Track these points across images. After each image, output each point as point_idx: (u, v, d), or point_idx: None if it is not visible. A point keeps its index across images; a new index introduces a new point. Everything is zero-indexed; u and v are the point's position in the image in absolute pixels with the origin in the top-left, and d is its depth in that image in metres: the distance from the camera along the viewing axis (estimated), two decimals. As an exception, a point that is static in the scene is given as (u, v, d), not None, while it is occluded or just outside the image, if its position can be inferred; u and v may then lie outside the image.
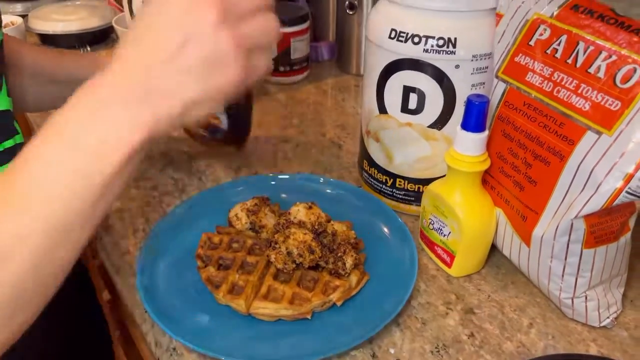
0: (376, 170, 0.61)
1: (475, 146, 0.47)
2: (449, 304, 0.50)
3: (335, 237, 0.52)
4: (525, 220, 0.47)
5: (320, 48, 0.99)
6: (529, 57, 0.46)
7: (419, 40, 0.50)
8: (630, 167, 0.39)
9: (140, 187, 0.66)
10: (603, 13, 0.43)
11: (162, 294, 0.49)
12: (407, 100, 0.54)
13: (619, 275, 0.47)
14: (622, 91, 0.40)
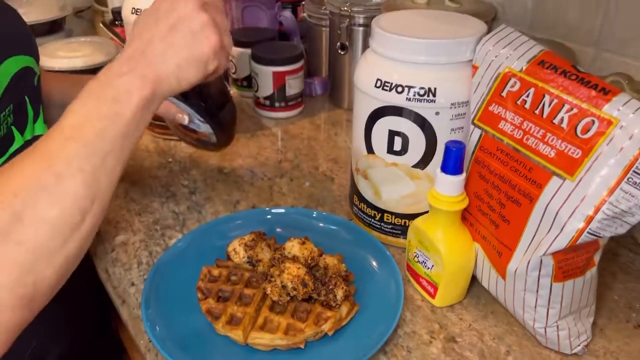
0: (365, 205, 0.65)
1: (454, 187, 0.51)
2: (433, 332, 0.54)
3: (326, 271, 0.56)
4: (500, 255, 0.51)
5: (314, 84, 1.04)
6: (501, 107, 0.51)
7: (402, 90, 0.55)
8: (590, 210, 0.44)
9: (143, 221, 0.70)
10: (566, 69, 0.48)
11: (165, 325, 0.53)
12: (392, 143, 0.58)
13: (588, 306, 0.51)
14: (583, 141, 0.45)
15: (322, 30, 1.02)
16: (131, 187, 0.77)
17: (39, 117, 0.59)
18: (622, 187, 0.42)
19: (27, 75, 0.57)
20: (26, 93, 0.57)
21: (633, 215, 0.43)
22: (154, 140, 0.90)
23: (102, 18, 1.27)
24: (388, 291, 0.57)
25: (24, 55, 0.56)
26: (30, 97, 0.58)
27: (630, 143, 0.42)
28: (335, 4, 0.93)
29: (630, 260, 0.64)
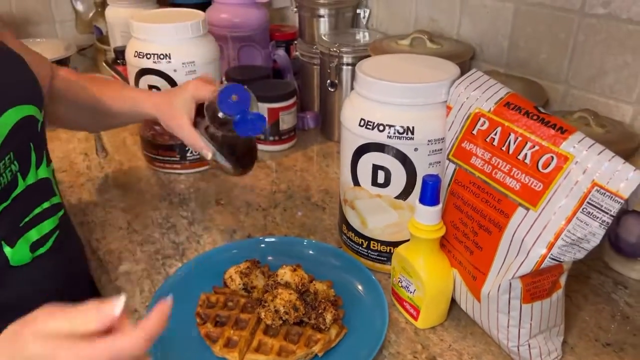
0: (353, 233, 0.70)
1: (431, 217, 0.56)
2: (416, 353, 0.58)
3: (316, 296, 0.61)
4: (475, 279, 0.56)
5: (307, 118, 1.10)
6: (472, 144, 0.56)
7: (384, 128, 0.60)
8: (551, 237, 0.48)
9: (145, 251, 0.74)
10: (529, 110, 0.54)
11: (166, 349, 0.56)
12: (376, 176, 0.63)
13: (557, 325, 0.56)
14: (543, 175, 0.50)
15: (314, 68, 1.09)
16: (133, 219, 0.81)
17: (42, 161, 0.62)
18: (578, 217, 0.47)
19: (29, 124, 0.58)
20: (30, 140, 0.59)
21: (588, 241, 0.48)
22: (155, 174, 0.94)
23: (105, 56, 1.33)
24: (374, 314, 0.61)
25: (25, 105, 0.57)
26: (34, 143, 0.59)
27: (584, 177, 0.47)
28: (325, 45, 0.99)
29: (601, 282, 0.68)
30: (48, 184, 0.62)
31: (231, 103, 0.63)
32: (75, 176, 0.94)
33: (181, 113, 0.69)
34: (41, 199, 0.61)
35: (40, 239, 0.60)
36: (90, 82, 0.76)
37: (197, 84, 0.70)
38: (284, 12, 1.39)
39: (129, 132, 1.10)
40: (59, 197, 0.64)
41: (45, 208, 0.61)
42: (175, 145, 0.91)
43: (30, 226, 0.59)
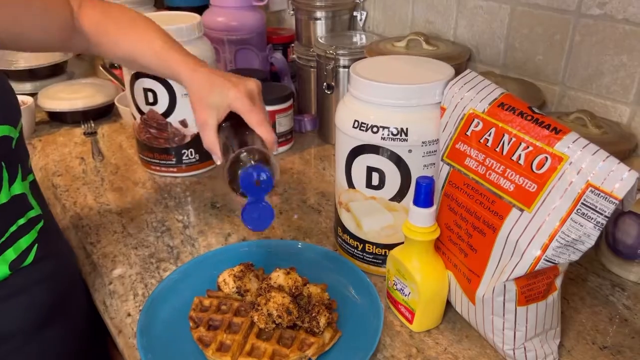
0: (348, 236, 0.69)
1: (425, 219, 0.56)
2: (410, 356, 0.58)
3: (310, 299, 0.60)
4: (470, 282, 0.55)
5: (304, 121, 1.09)
6: (466, 145, 0.56)
7: (377, 130, 0.60)
8: (545, 239, 0.48)
9: (139, 254, 0.74)
10: (523, 111, 0.53)
11: (159, 353, 0.56)
12: (370, 178, 0.63)
13: (553, 328, 0.55)
14: (537, 176, 0.49)
15: (311, 70, 1.08)
16: (128, 223, 0.81)
17: (17, 177, 0.60)
18: (572, 218, 0.47)
19: (3, 143, 0.57)
20: (1, 160, 0.57)
21: (583, 243, 0.47)
22: (151, 177, 0.94)
23: (102, 61, 1.33)
24: (369, 318, 0.60)
25: (2, 126, 0.56)
26: (6, 162, 0.58)
27: (578, 177, 0.47)
28: (322, 47, 0.99)
29: (598, 285, 0.68)
30: (23, 199, 0.61)
31: (252, 185, 0.57)
32: (71, 180, 0.93)
33: (211, 113, 0.63)
34: (15, 216, 0.60)
35: (19, 257, 0.60)
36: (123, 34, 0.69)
37: (241, 100, 0.62)
38: (281, 15, 1.39)
39: (126, 135, 1.09)
40: (37, 208, 0.63)
41: (21, 225, 0.60)
42: (171, 148, 0.91)
43: (6, 246, 0.58)
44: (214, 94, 0.63)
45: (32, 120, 1.11)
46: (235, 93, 0.61)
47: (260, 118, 0.62)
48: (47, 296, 0.64)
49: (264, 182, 0.56)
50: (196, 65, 0.65)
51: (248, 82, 0.64)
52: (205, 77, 0.64)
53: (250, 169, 0.56)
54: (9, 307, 0.60)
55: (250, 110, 0.61)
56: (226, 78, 0.64)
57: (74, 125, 1.13)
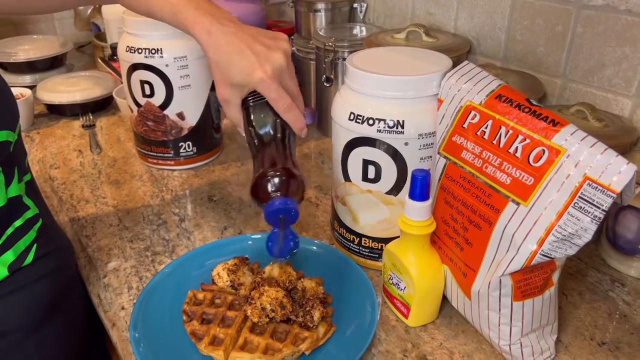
0: (345, 230, 0.69)
1: (421, 212, 0.55)
2: (406, 351, 0.57)
3: (304, 293, 0.59)
4: (465, 276, 0.55)
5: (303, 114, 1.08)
6: (463, 138, 0.55)
7: (373, 122, 0.59)
8: (542, 233, 0.47)
9: (134, 247, 0.74)
10: (520, 102, 0.52)
11: (151, 346, 0.56)
12: (366, 171, 0.62)
13: (549, 323, 0.54)
14: (534, 169, 0.49)
15: (310, 63, 1.07)
16: (125, 216, 0.81)
17: (13, 178, 0.58)
18: (569, 212, 0.46)
19: (2, 148, 0.56)
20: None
21: (580, 237, 0.46)
22: (148, 170, 0.94)
23: (102, 53, 1.33)
24: (364, 312, 0.60)
25: (1, 131, 0.55)
26: (3, 165, 0.57)
27: (575, 170, 0.46)
28: (321, 39, 0.98)
29: (598, 280, 0.67)
30: (18, 200, 0.60)
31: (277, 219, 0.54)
32: (68, 173, 0.93)
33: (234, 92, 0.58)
34: (12, 218, 0.59)
35: (18, 258, 0.59)
36: None
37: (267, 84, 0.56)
38: (281, 7, 1.38)
39: (124, 128, 1.09)
40: (34, 208, 0.62)
41: (18, 226, 0.59)
42: (169, 141, 0.90)
43: (5, 249, 0.58)
44: (235, 71, 0.56)
45: (31, 112, 1.10)
46: (261, 75, 0.55)
47: (287, 104, 0.57)
48: (47, 293, 0.63)
49: (288, 217, 0.54)
50: (212, 26, 0.56)
51: (275, 54, 0.56)
52: (222, 45, 0.56)
53: (276, 204, 0.52)
54: (8, 304, 0.60)
55: (277, 96, 0.56)
56: (249, 45, 0.56)
57: (73, 118, 1.13)
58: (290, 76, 0.59)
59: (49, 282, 0.63)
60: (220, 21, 0.57)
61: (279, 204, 0.52)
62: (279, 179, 0.53)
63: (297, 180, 0.54)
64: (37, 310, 0.62)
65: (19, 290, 0.60)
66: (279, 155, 0.56)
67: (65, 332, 0.67)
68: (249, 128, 0.59)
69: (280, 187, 0.53)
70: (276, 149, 0.57)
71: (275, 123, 0.58)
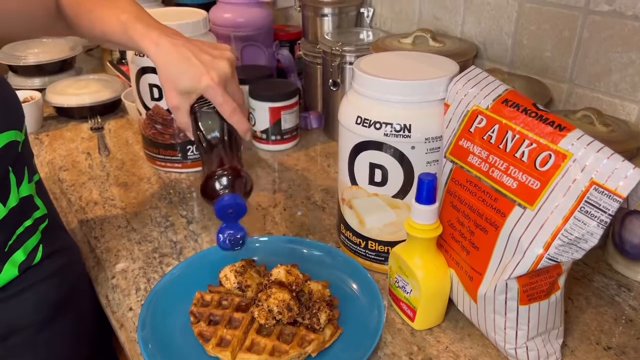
0: (351, 233, 0.69)
1: (428, 216, 0.55)
2: (411, 354, 0.57)
3: (311, 296, 0.60)
4: (472, 280, 0.55)
5: (310, 118, 1.09)
6: (470, 142, 0.55)
7: (380, 126, 0.60)
8: (548, 237, 0.47)
9: (142, 249, 0.74)
10: (527, 107, 0.52)
11: (159, 347, 0.56)
12: (373, 175, 0.63)
13: (555, 327, 0.54)
14: (541, 173, 0.49)
15: (317, 67, 1.08)
16: (133, 218, 0.81)
17: (24, 179, 0.60)
18: (575, 216, 0.46)
19: (10, 149, 0.56)
20: (10, 165, 0.57)
21: (586, 241, 0.46)
22: (156, 172, 0.94)
23: (110, 56, 1.34)
24: (370, 315, 0.60)
25: (9, 131, 0.56)
26: (13, 166, 0.58)
27: (582, 175, 0.46)
28: (328, 44, 0.98)
29: (604, 285, 0.67)
30: (30, 200, 0.61)
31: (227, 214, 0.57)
32: (77, 175, 0.94)
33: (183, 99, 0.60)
34: (23, 218, 0.60)
35: (28, 257, 0.60)
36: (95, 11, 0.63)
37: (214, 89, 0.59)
38: (288, 11, 1.39)
39: (132, 131, 1.10)
40: (43, 208, 0.64)
41: (28, 226, 0.60)
42: (177, 144, 0.91)
43: (15, 248, 0.59)
44: (183, 78, 0.59)
45: (40, 115, 1.11)
46: (208, 81, 0.58)
47: (232, 108, 0.60)
48: (55, 291, 0.64)
49: (236, 211, 0.57)
50: (160, 38, 0.59)
51: (220, 63, 0.60)
52: (171, 54, 0.59)
53: (225, 200, 0.56)
54: (18, 303, 0.61)
55: (223, 101, 0.59)
56: (195, 54, 0.59)
57: (81, 121, 1.14)
58: (235, 84, 0.63)
59: (56, 280, 0.64)
60: (167, 34, 0.61)
61: (227, 200, 0.56)
62: (226, 177, 0.57)
63: (242, 178, 0.58)
64: (46, 309, 0.63)
65: (29, 288, 0.61)
66: (226, 156, 0.60)
67: (73, 330, 0.68)
68: (197, 132, 0.62)
69: (227, 184, 0.56)
70: (223, 151, 0.60)
71: (222, 126, 0.62)
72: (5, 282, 0.58)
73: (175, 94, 0.60)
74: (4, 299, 0.60)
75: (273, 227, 0.79)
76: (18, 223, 0.59)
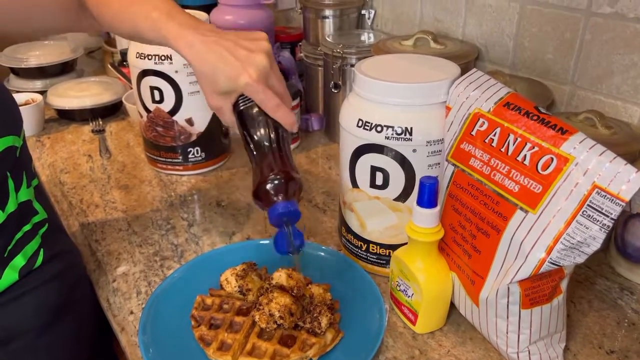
0: (352, 236, 0.69)
1: (429, 220, 0.55)
2: (413, 358, 0.57)
3: (312, 299, 0.60)
4: (473, 284, 0.55)
5: (311, 120, 1.09)
6: (471, 145, 0.55)
7: (381, 129, 0.59)
8: (550, 241, 0.47)
9: (143, 252, 0.74)
10: (529, 110, 0.52)
11: (160, 351, 0.56)
12: (374, 178, 0.62)
13: (558, 331, 0.54)
14: (543, 177, 0.49)
15: (318, 69, 1.08)
16: (134, 221, 0.81)
17: (22, 183, 0.59)
18: (577, 220, 0.46)
19: (8, 154, 0.56)
20: (8, 170, 0.57)
21: (589, 245, 0.46)
22: (157, 175, 0.94)
23: (112, 59, 1.34)
24: (371, 319, 0.60)
25: (7, 137, 0.55)
26: (12, 171, 0.57)
27: (584, 179, 0.46)
28: (329, 46, 0.98)
29: (607, 288, 0.66)
30: (28, 205, 0.61)
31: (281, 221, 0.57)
32: (78, 177, 0.94)
33: (223, 99, 0.58)
34: (21, 223, 0.60)
35: (28, 262, 0.60)
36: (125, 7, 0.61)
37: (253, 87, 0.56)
38: (290, 13, 1.39)
39: (133, 133, 1.10)
40: (43, 212, 0.63)
41: (27, 231, 0.60)
42: (178, 146, 0.91)
43: (15, 253, 0.59)
44: (221, 79, 0.56)
45: (41, 117, 1.11)
46: (246, 79, 0.55)
47: (276, 103, 0.57)
48: (56, 295, 0.64)
49: (290, 218, 0.56)
50: (195, 38, 0.57)
51: (258, 57, 0.56)
52: (206, 54, 0.56)
53: (279, 209, 0.54)
54: (19, 307, 0.61)
55: (265, 97, 0.56)
56: (231, 51, 0.56)
57: (83, 123, 1.14)
58: (275, 75, 0.59)
59: (57, 284, 0.64)
60: (200, 32, 0.58)
61: (282, 209, 0.55)
62: (279, 182, 0.55)
63: (295, 181, 0.56)
64: (47, 312, 0.63)
65: (29, 292, 0.61)
66: (276, 157, 0.58)
67: (74, 333, 0.68)
68: (242, 131, 0.60)
69: (281, 190, 0.55)
70: (272, 151, 0.58)
71: (267, 124, 0.59)
72: (5, 287, 0.58)
73: (215, 95, 0.58)
74: (4, 304, 0.60)
75: (274, 229, 0.79)
76: (17, 228, 0.59)
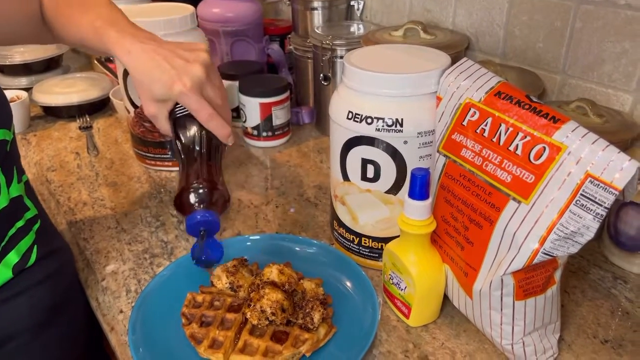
0: (344, 229, 0.68)
1: (421, 212, 0.54)
2: (407, 352, 0.56)
3: (304, 295, 0.59)
4: (467, 276, 0.54)
5: (302, 113, 1.08)
6: (462, 135, 0.54)
7: (372, 121, 0.58)
8: (543, 231, 0.46)
9: (132, 250, 0.73)
10: (520, 99, 0.51)
11: (150, 350, 0.55)
12: (365, 170, 0.62)
13: (552, 322, 0.54)
14: (535, 166, 0.48)
15: (308, 62, 1.07)
16: (122, 218, 0.80)
17: (13, 178, 0.59)
18: (571, 210, 0.45)
19: (0, 148, 0.56)
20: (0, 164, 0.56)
21: (582, 235, 0.45)
22: (146, 171, 0.93)
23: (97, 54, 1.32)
24: (365, 313, 0.59)
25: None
26: (3, 166, 0.57)
27: (577, 168, 0.45)
28: (318, 37, 0.97)
29: (600, 277, 0.66)
30: (20, 201, 0.60)
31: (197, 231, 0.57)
32: (66, 175, 0.92)
33: (159, 107, 0.59)
34: (14, 219, 0.59)
35: (22, 259, 0.59)
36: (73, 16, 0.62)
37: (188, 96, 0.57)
38: (278, 5, 1.37)
39: (121, 129, 1.08)
40: (33, 209, 0.63)
41: (20, 227, 0.59)
42: (166, 142, 0.90)
43: (8, 249, 0.58)
44: (156, 86, 0.57)
45: (27, 115, 1.10)
46: (180, 88, 0.57)
47: (209, 114, 0.58)
48: (49, 295, 0.63)
49: (209, 229, 0.56)
50: (133, 44, 0.58)
51: (194, 67, 0.58)
52: (142, 61, 0.57)
53: (197, 217, 0.54)
54: (13, 307, 0.60)
55: (198, 107, 0.58)
56: (168, 60, 0.57)
57: (69, 120, 1.12)
58: (212, 86, 0.60)
59: (50, 284, 0.63)
60: (139, 39, 0.59)
61: (200, 217, 0.54)
62: (202, 191, 0.55)
63: (219, 192, 0.56)
64: (40, 313, 0.62)
65: (23, 292, 0.61)
66: (203, 166, 0.58)
67: (68, 334, 0.67)
68: (175, 139, 0.61)
69: (202, 199, 0.54)
70: (201, 160, 0.58)
71: (200, 134, 0.59)
72: None
73: (151, 102, 0.59)
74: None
75: (265, 224, 0.78)
76: (9, 224, 0.58)
